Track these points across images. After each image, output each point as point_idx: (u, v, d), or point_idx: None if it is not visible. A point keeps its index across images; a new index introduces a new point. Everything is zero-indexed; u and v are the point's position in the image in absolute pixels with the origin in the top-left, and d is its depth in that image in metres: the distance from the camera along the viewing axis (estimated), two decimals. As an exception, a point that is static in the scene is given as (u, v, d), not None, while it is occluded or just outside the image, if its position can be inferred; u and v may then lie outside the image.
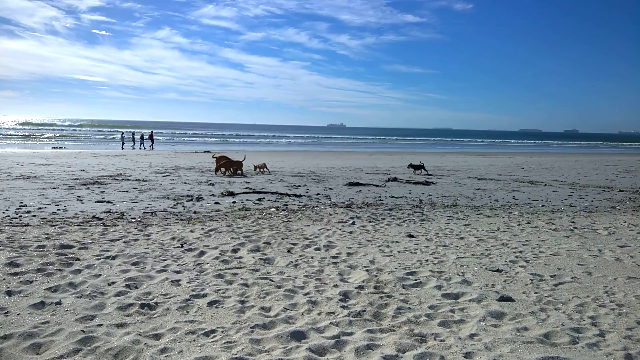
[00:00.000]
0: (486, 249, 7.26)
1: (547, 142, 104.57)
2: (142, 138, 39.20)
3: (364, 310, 4.57)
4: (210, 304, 4.65)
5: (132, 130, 43.80)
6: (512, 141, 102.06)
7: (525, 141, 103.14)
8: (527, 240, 7.93)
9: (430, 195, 13.68)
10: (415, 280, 5.57)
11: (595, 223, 9.70)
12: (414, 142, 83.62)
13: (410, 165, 20.71)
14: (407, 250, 7.05)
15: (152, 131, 43.11)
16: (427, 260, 6.49)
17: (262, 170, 18.85)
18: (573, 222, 9.69)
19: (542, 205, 12.24)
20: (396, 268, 6.06)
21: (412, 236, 8.03)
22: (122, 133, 41.90)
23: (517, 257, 6.82)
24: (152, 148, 38.71)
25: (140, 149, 37.44)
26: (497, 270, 6.08)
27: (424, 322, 4.36)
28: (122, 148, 37.41)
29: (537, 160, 34.62)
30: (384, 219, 9.60)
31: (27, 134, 60.51)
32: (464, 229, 8.83)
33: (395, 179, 17.32)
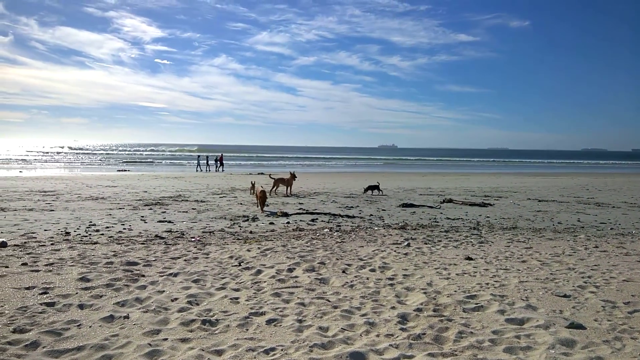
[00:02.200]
0: (551, 273, 6.90)
1: (614, 162, 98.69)
2: (207, 160, 41.85)
3: (424, 333, 4.46)
4: (269, 322, 4.70)
5: (206, 154, 46.17)
6: (574, 161, 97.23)
7: (588, 161, 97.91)
8: (596, 265, 7.47)
9: (487, 217, 13.24)
10: (476, 304, 5.38)
11: (673, 248, 8.99)
12: (468, 163, 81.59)
13: (367, 188, 19.35)
14: (465, 273, 6.83)
15: (221, 154, 44.93)
16: (487, 284, 6.25)
17: (252, 190, 17.59)
18: (647, 247, 9.03)
19: (611, 229, 11.51)
20: (455, 291, 5.88)
21: (470, 259, 7.78)
22: (199, 156, 44.26)
23: (585, 282, 6.44)
24: (222, 170, 40.47)
25: (207, 171, 39.72)
26: (565, 296, 5.76)
27: (487, 347, 4.18)
28: (197, 170, 39.72)
29: (602, 181, 32.73)
30: (440, 240, 9.38)
31: (98, 158, 64.71)
32: (525, 252, 8.46)
33: (450, 200, 16.91)
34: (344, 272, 6.77)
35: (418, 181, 29.55)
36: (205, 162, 41.80)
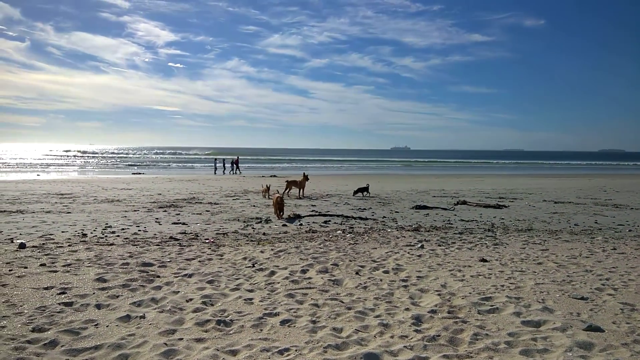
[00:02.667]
0: (568, 275, 6.81)
1: (632, 163, 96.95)
2: (224, 163, 42.42)
3: (439, 335, 4.43)
4: (282, 322, 4.72)
5: (223, 157, 46.66)
6: (591, 162, 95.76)
7: (605, 162, 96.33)
8: (614, 267, 7.35)
9: (502, 219, 13.10)
10: (492, 306, 5.33)
11: (693, 250, 8.80)
12: (483, 165, 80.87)
13: (357, 190, 19.18)
14: (480, 275, 6.77)
15: (237, 157, 45.28)
16: (502, 286, 6.19)
17: (267, 194, 17.81)
18: (667, 249, 8.86)
19: (630, 230, 11.31)
20: (470, 293, 5.84)
21: (485, 260, 7.71)
22: (216, 159, 44.76)
23: (603, 284, 6.33)
24: (239, 173, 40.77)
25: (223, 173, 40.22)
26: (582, 298, 5.68)
27: (503, 349, 4.14)
28: (214, 173, 40.16)
29: (620, 182, 32.18)
30: (454, 242, 9.31)
31: (114, 162, 65.66)
32: (541, 254, 8.35)
33: (464, 202, 16.78)
34: (357, 273, 6.76)
35: (431, 183, 29.38)
36: (222, 164, 42.37)
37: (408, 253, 8.20)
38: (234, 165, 42.16)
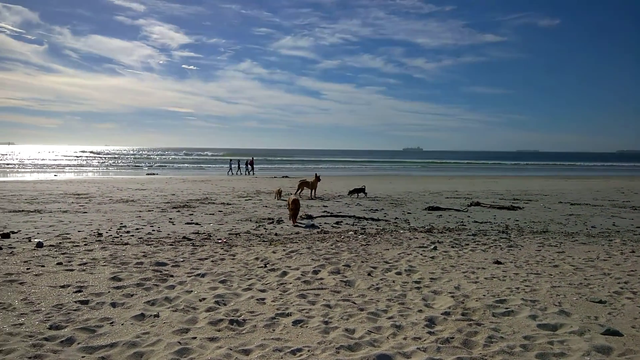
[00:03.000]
0: (585, 279, 6.70)
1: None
2: (239, 164, 42.80)
3: (452, 337, 4.39)
4: (295, 323, 4.72)
5: (238, 158, 47.02)
6: (609, 164, 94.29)
7: (623, 164, 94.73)
8: (632, 270, 7.21)
9: (517, 220, 12.96)
10: (506, 308, 5.26)
11: None
12: (496, 166, 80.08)
13: (353, 191, 19.17)
14: (494, 277, 6.70)
15: (252, 158, 45.54)
16: (517, 288, 6.12)
17: (279, 196, 17.87)
18: (687, 252, 8.67)
19: (648, 233, 11.09)
20: (484, 295, 5.78)
21: (499, 263, 7.63)
22: (231, 160, 45.14)
23: (622, 288, 6.22)
24: (253, 174, 40.97)
25: (238, 174, 40.55)
26: (600, 302, 5.58)
27: (519, 352, 4.09)
28: (229, 174, 40.53)
29: (638, 184, 31.60)
30: (467, 244, 9.23)
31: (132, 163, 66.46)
32: (557, 256, 8.24)
33: (477, 204, 16.63)
34: (369, 274, 6.74)
35: (444, 184, 29.17)
36: (237, 165, 42.81)
37: (421, 254, 8.15)
38: (248, 166, 42.50)
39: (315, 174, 19.41)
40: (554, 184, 30.46)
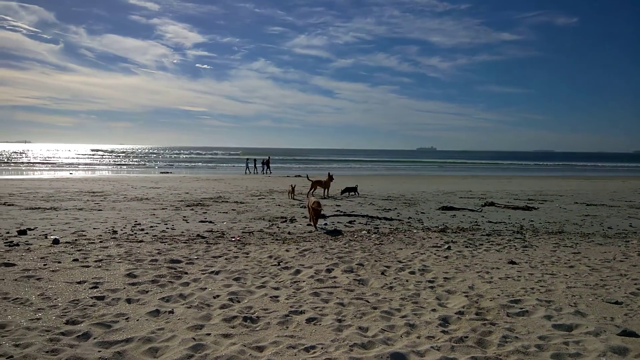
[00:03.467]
0: (601, 279, 6.60)
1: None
2: (255, 163, 43.21)
3: (467, 336, 4.36)
4: (308, 320, 4.73)
5: (254, 157, 47.37)
6: (626, 164, 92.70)
7: (639, 164, 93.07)
8: (650, 272, 7.09)
9: (531, 221, 12.81)
10: (521, 308, 5.21)
11: None
12: (511, 166, 79.24)
13: (345, 190, 19.11)
14: (509, 277, 6.64)
15: (268, 157, 45.75)
16: (532, 289, 6.05)
17: (292, 194, 17.82)
18: None
19: (667, 234, 10.89)
20: (498, 295, 5.73)
21: (514, 263, 7.56)
22: (247, 159, 45.54)
23: (639, 289, 6.11)
24: (270, 173, 41.17)
25: (254, 173, 40.93)
26: (616, 302, 5.50)
27: (534, 352, 4.05)
28: (246, 173, 40.95)
29: (656, 184, 31.01)
30: (481, 244, 9.16)
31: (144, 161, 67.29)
32: (573, 257, 8.13)
33: (492, 204, 16.48)
34: (382, 273, 6.72)
35: (458, 184, 28.96)
36: (253, 164, 43.14)
37: (434, 254, 8.11)
38: (264, 165, 42.72)
39: (329, 174, 19.40)
40: (569, 184, 30.05)
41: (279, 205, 15.45)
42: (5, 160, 62.42)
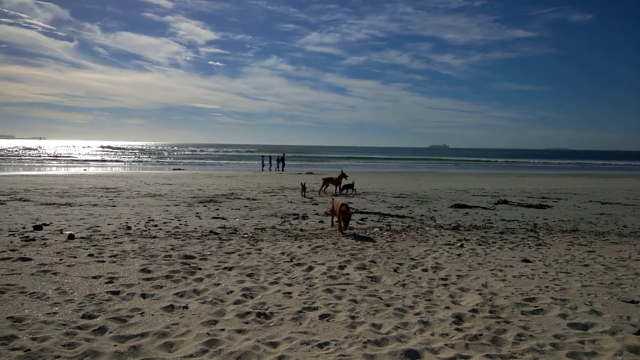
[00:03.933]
0: (616, 278, 6.52)
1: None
2: (270, 160, 43.86)
3: (481, 334, 4.34)
4: (321, 317, 4.74)
5: (269, 154, 47.67)
6: (639, 162, 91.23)
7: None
8: (668, 271, 6.98)
9: (545, 219, 12.68)
10: (536, 307, 5.17)
11: None
12: (524, 164, 78.45)
13: (342, 187, 18.85)
14: (523, 276, 6.58)
15: (283, 154, 45.87)
16: (547, 287, 6.00)
17: (304, 191, 17.42)
18: None
19: (685, 233, 10.70)
20: (512, 293, 5.69)
21: (527, 261, 7.49)
22: (263, 156, 45.81)
23: (656, 288, 6.03)
24: (284, 170, 41.30)
25: (269, 170, 41.25)
26: (632, 302, 5.43)
27: (549, 351, 4.01)
28: (262, 169, 41.28)
29: (673, 183, 30.48)
30: (495, 242, 9.09)
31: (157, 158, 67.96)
32: (587, 255, 8.04)
33: (505, 202, 16.34)
34: (395, 271, 6.71)
35: (470, 182, 28.75)
36: (269, 161, 43.43)
37: (447, 252, 8.07)
38: (279, 162, 42.95)
39: (341, 171, 19.38)
40: (583, 183, 29.67)
41: (291, 202, 15.48)
42: (20, 156, 63.41)
